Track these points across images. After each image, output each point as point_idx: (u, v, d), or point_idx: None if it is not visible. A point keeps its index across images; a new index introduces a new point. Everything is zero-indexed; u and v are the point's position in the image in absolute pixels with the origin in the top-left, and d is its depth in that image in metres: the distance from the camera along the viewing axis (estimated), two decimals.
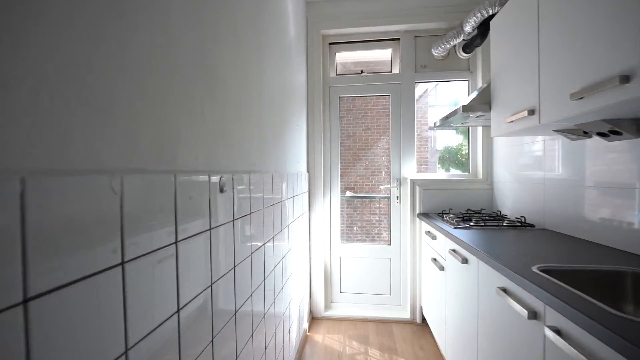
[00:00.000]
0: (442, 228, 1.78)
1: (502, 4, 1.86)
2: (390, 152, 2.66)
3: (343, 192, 2.82)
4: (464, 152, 3.64)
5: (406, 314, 2.53)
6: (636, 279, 0.98)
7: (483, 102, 1.74)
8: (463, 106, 1.74)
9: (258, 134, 1.32)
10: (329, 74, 2.66)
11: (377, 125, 5.25)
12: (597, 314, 0.68)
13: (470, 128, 2.57)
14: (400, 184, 2.60)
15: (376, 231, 3.07)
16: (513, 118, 1.42)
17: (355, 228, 2.86)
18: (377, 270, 2.64)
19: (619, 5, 0.88)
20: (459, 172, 2.75)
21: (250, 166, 1.20)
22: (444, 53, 2.46)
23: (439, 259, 1.89)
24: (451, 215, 2.02)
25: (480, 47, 2.36)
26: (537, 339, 0.89)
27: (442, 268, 1.81)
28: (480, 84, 2.43)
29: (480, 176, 2.45)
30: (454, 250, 1.60)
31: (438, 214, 2.26)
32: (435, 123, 2.36)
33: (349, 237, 2.82)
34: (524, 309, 0.91)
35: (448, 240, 1.71)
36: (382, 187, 2.75)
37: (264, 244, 1.35)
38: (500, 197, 2.27)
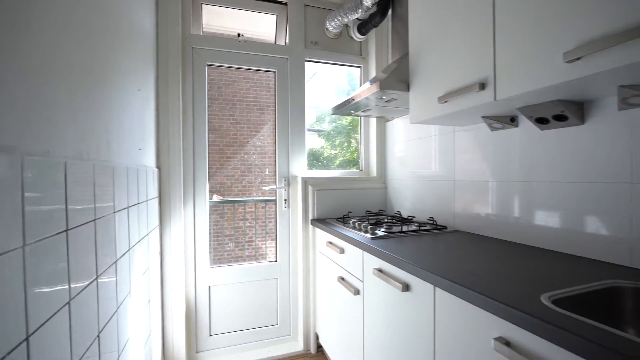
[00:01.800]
0: (355, 239, 1.36)
1: None
2: (276, 144, 2.11)
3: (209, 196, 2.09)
4: (326, 155, 3.56)
5: (298, 346, 2.03)
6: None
7: (400, 81, 1.43)
8: (380, 82, 1.37)
9: None
10: (191, 29, 1.89)
11: (247, 119, 4.64)
12: None
13: (362, 121, 2.32)
14: (288, 184, 2.08)
15: (255, 245, 2.46)
16: (451, 97, 1.12)
17: (231, 244, 2.16)
18: (261, 297, 2.03)
19: None
20: (351, 170, 2.46)
21: None
22: (338, 30, 2.10)
23: (351, 279, 1.46)
24: (356, 221, 1.65)
25: (374, 30, 2.12)
26: None
27: (357, 292, 1.38)
28: (373, 73, 2.19)
29: (375, 174, 2.22)
30: (380, 270, 1.19)
31: (338, 220, 1.86)
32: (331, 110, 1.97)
33: (220, 257, 2.10)
34: None
35: (367, 255, 1.29)
36: (266, 188, 2.16)
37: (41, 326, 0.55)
38: (396, 197, 2.07)
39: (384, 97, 1.51)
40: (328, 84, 2.68)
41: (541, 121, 1.11)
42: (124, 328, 1.05)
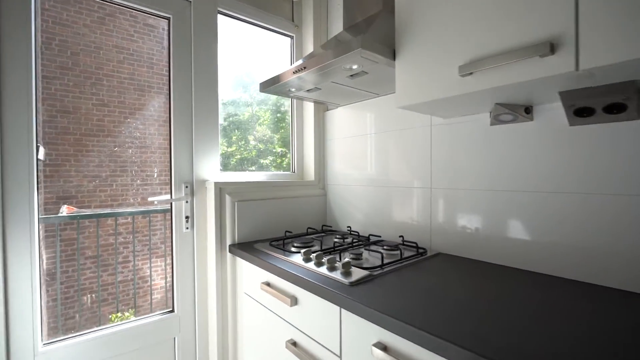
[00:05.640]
0: (324, 288, 0.84)
1: None
2: (171, 133, 1.39)
3: (50, 209, 1.23)
4: (222, 152, 2.89)
5: None
6: None
7: (384, 44, 0.97)
8: (362, 38, 0.88)
9: None
10: None
11: (119, 101, 3.53)
12: None
13: (294, 107, 1.78)
14: (192, 193, 1.39)
15: (136, 293, 1.66)
16: (487, 65, 0.72)
17: (85, 298, 1.32)
18: None
19: None
20: (278, 172, 1.87)
21: None
22: None
23: (316, 350, 0.93)
24: (307, 249, 1.12)
25: None
26: None
27: None
28: (310, 47, 1.69)
29: (312, 177, 1.72)
30: (385, 349, 0.70)
31: (273, 243, 1.28)
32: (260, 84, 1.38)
33: (70, 322, 1.24)
34: None
35: (347, 314, 0.79)
36: (153, 199, 1.40)
37: None
38: (340, 207, 1.63)
39: (354, 67, 1.02)
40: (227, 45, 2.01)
41: (581, 113, 0.82)
42: None
